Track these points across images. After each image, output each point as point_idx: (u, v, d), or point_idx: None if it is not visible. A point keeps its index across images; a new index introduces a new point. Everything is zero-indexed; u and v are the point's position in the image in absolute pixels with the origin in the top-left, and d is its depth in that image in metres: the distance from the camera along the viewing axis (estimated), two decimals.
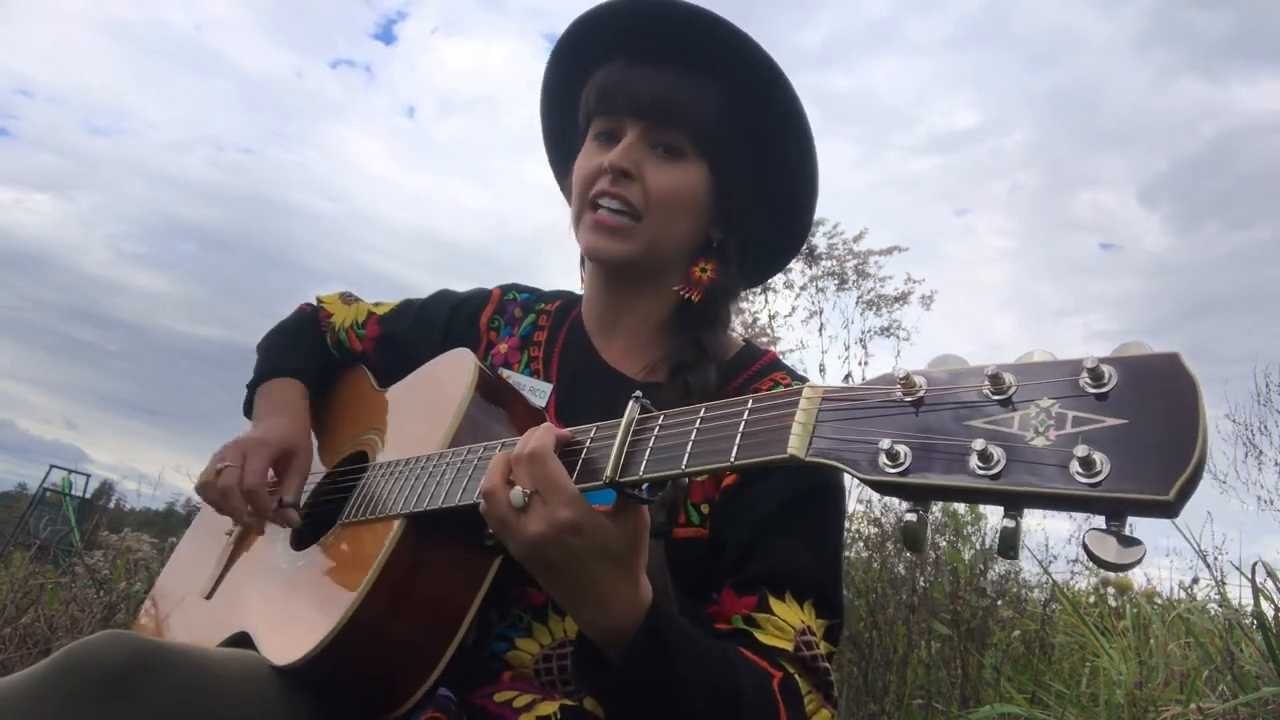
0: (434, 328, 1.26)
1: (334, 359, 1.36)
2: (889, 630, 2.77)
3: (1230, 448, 4.13)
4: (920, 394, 0.57)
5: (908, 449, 0.55)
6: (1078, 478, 0.48)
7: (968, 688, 2.62)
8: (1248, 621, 2.00)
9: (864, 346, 3.85)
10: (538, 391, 1.13)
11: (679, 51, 1.05)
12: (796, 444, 0.62)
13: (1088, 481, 0.48)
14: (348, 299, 1.38)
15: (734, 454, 0.66)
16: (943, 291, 3.94)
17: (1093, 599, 3.13)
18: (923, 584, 2.91)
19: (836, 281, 3.94)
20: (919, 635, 2.76)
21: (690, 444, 0.70)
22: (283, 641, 0.92)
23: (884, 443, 0.56)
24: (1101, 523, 0.49)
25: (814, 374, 3.83)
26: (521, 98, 1.25)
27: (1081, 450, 0.49)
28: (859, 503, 3.09)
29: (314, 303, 1.40)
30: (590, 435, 0.79)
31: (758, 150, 1.10)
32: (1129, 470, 0.47)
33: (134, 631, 0.87)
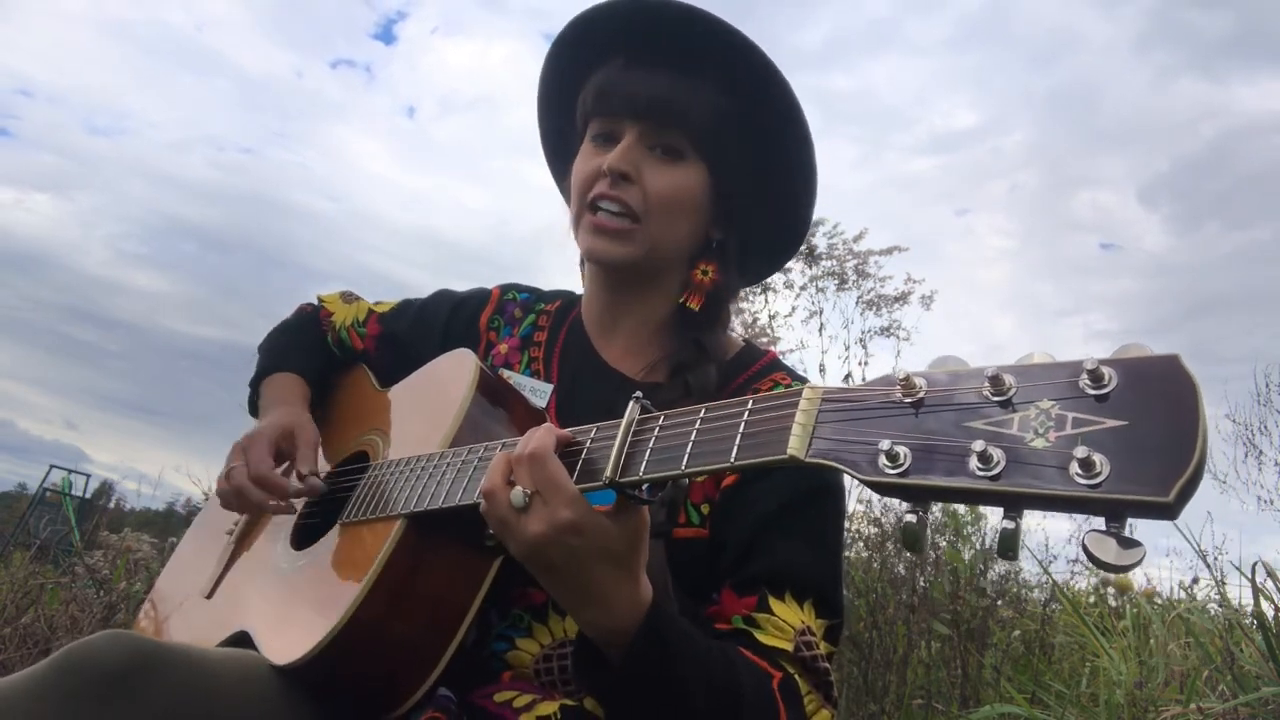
0: (434, 327, 1.26)
1: (335, 358, 1.36)
2: (889, 630, 2.77)
3: (1230, 448, 4.14)
4: (920, 395, 0.57)
5: (907, 450, 0.55)
6: (1077, 479, 0.48)
7: (968, 688, 2.62)
8: (1248, 621, 2.00)
9: (864, 346, 3.86)
10: (538, 392, 1.13)
11: (676, 52, 1.05)
12: (796, 445, 0.62)
13: (1087, 483, 0.48)
14: (348, 298, 1.38)
15: (734, 455, 0.66)
16: (943, 291, 3.95)
17: (1093, 599, 3.13)
18: (923, 584, 2.91)
19: (836, 281, 3.95)
20: (919, 635, 2.76)
21: (690, 444, 0.70)
22: (283, 641, 0.92)
23: (884, 444, 0.56)
24: (1101, 524, 0.49)
25: (814, 374, 3.83)
26: (521, 98, 1.24)
27: (1081, 452, 0.49)
28: (859, 503, 3.09)
29: (314, 302, 1.40)
30: (590, 436, 0.79)
31: (756, 150, 1.09)
32: (1129, 472, 0.47)
33: (134, 631, 0.87)
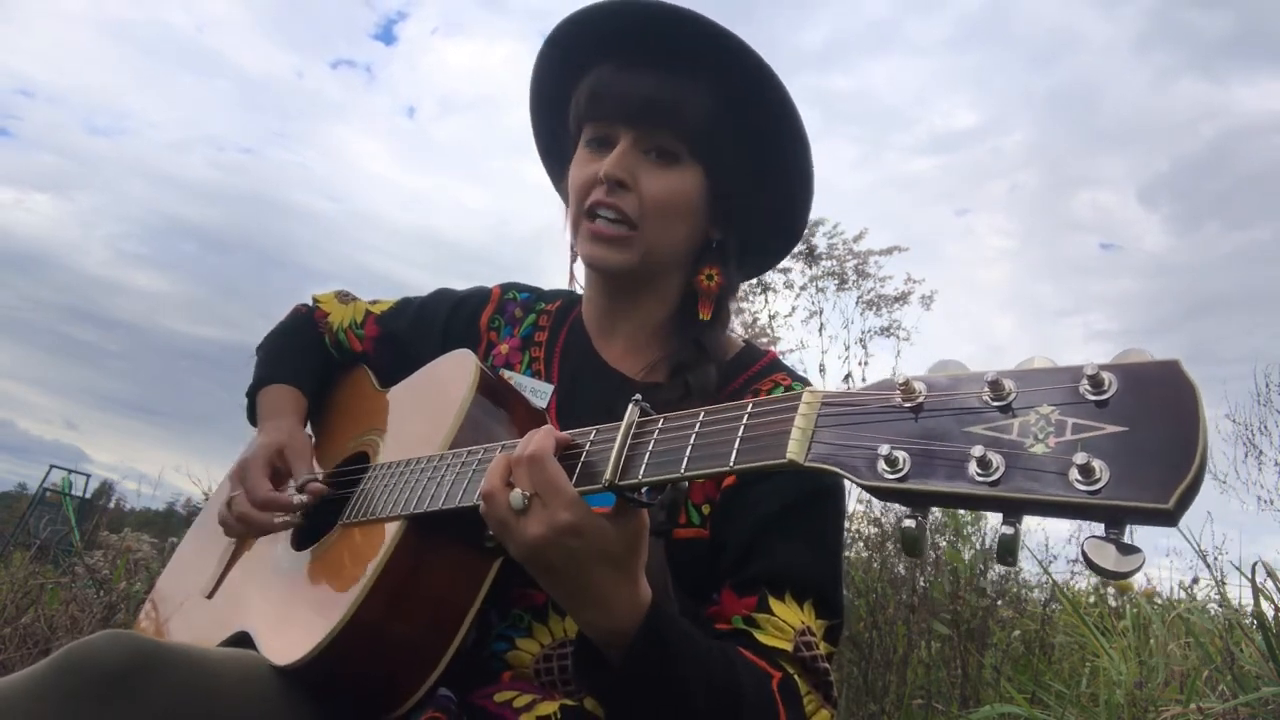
0: (434, 326, 1.26)
1: (333, 359, 1.36)
2: (889, 630, 2.77)
3: (1230, 448, 4.14)
4: (920, 400, 0.57)
5: (907, 455, 0.55)
6: (1077, 485, 0.48)
7: (968, 688, 2.62)
8: (1248, 621, 2.00)
9: (864, 346, 3.86)
10: (539, 392, 1.13)
11: (668, 54, 1.04)
12: (796, 449, 0.62)
13: (1087, 489, 0.48)
14: (344, 298, 1.38)
15: (733, 458, 0.66)
16: (943, 291, 3.95)
17: (1093, 599, 3.13)
18: (923, 584, 2.91)
19: (836, 281, 3.95)
20: (919, 635, 2.76)
21: (690, 448, 0.70)
22: (283, 641, 0.92)
23: (883, 448, 0.56)
24: (1101, 530, 0.49)
25: (814, 374, 3.83)
26: (521, 98, 1.24)
27: (1081, 457, 0.48)
28: (859, 503, 3.09)
29: (309, 303, 1.39)
30: (590, 438, 0.79)
31: (752, 149, 1.09)
32: (1128, 478, 0.47)
33: (134, 631, 0.87)
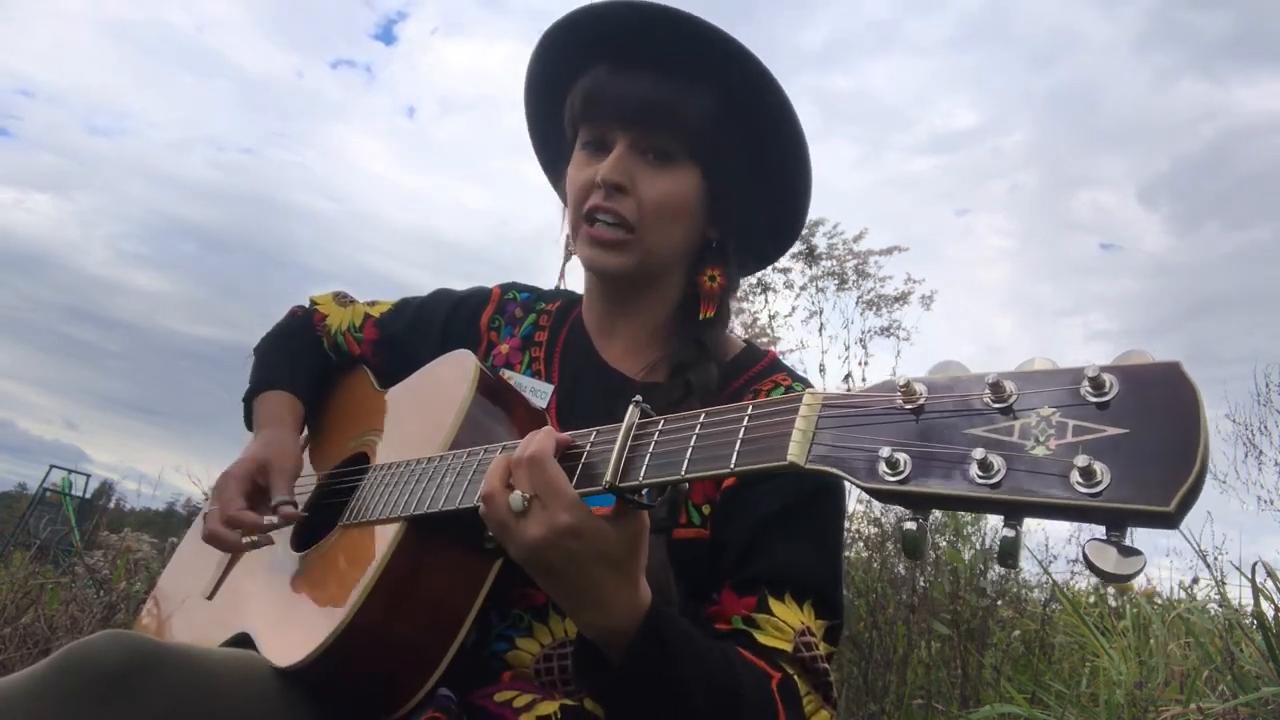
0: (433, 326, 1.26)
1: (331, 361, 1.35)
2: (889, 630, 2.77)
3: (1230, 448, 4.14)
4: (921, 401, 0.57)
5: (908, 457, 0.55)
6: (1078, 488, 0.48)
7: (968, 688, 2.62)
8: (1248, 621, 2.00)
9: (864, 346, 3.86)
10: (539, 392, 1.12)
11: (662, 55, 1.04)
12: (796, 451, 0.62)
13: (1088, 491, 0.48)
14: (342, 300, 1.37)
15: (734, 460, 0.66)
16: (943, 291, 3.95)
17: (1093, 599, 3.13)
18: (923, 584, 2.91)
19: (836, 281, 3.95)
20: (919, 635, 2.76)
21: (690, 449, 0.70)
22: (284, 642, 0.92)
23: (884, 450, 0.56)
24: (1102, 532, 0.49)
25: (814, 374, 3.83)
26: (521, 98, 1.24)
27: (1082, 460, 0.48)
28: (859, 503, 3.09)
29: (306, 305, 1.39)
30: (590, 440, 0.79)
31: (749, 147, 1.09)
32: (1129, 480, 0.47)
33: (134, 631, 0.87)
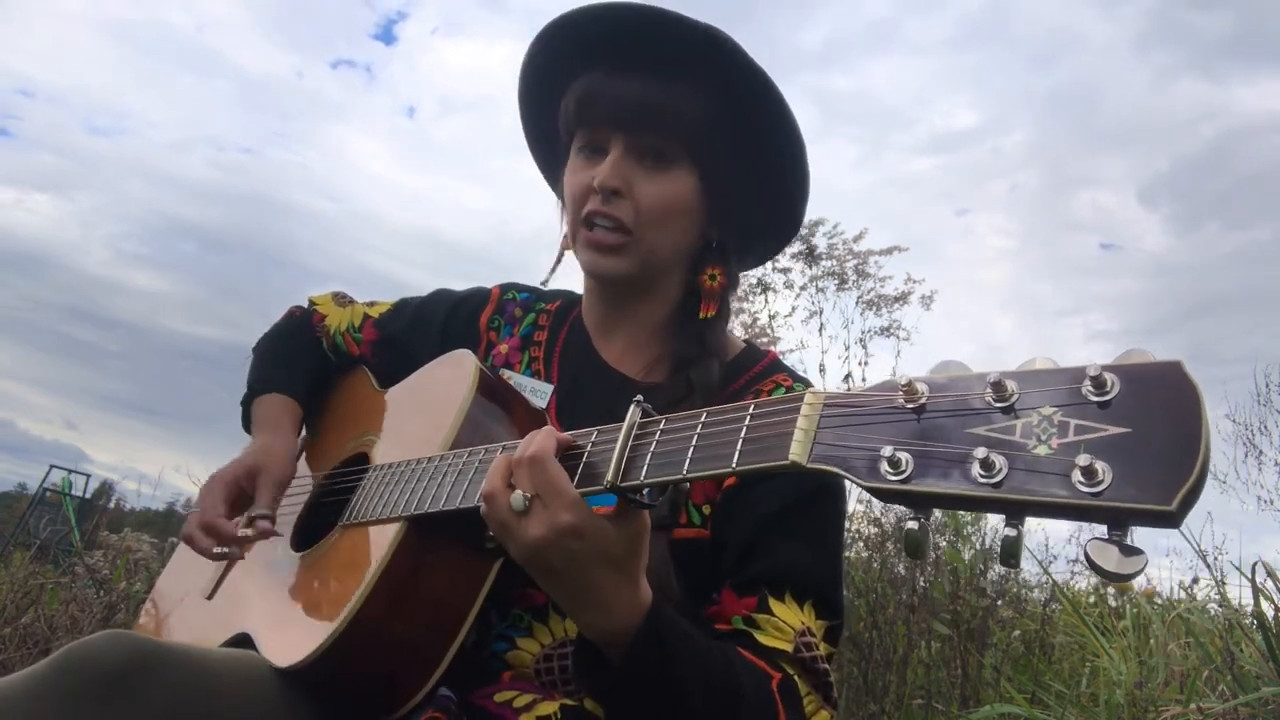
0: (432, 326, 1.26)
1: (330, 362, 1.35)
2: (889, 630, 2.77)
3: (1230, 448, 4.14)
4: (922, 401, 0.57)
5: (909, 456, 0.55)
6: (1080, 487, 0.48)
7: (968, 688, 2.62)
8: (1248, 621, 2.00)
9: (864, 346, 3.86)
10: (538, 392, 1.12)
11: (656, 57, 1.04)
12: (798, 450, 0.61)
13: (1090, 491, 0.48)
14: (341, 300, 1.37)
15: (735, 460, 0.66)
16: (943, 291, 3.95)
17: (1093, 599, 3.13)
18: (923, 584, 2.91)
19: (836, 281, 3.95)
20: (919, 635, 2.76)
21: (691, 449, 0.70)
22: (284, 643, 0.92)
23: (885, 450, 0.56)
24: (1103, 532, 0.49)
25: (814, 374, 3.83)
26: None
27: (1084, 459, 0.48)
28: (859, 503, 3.09)
29: (305, 305, 1.39)
30: (591, 439, 0.79)
31: (746, 146, 1.08)
32: (1131, 479, 0.47)
33: (134, 631, 0.87)
